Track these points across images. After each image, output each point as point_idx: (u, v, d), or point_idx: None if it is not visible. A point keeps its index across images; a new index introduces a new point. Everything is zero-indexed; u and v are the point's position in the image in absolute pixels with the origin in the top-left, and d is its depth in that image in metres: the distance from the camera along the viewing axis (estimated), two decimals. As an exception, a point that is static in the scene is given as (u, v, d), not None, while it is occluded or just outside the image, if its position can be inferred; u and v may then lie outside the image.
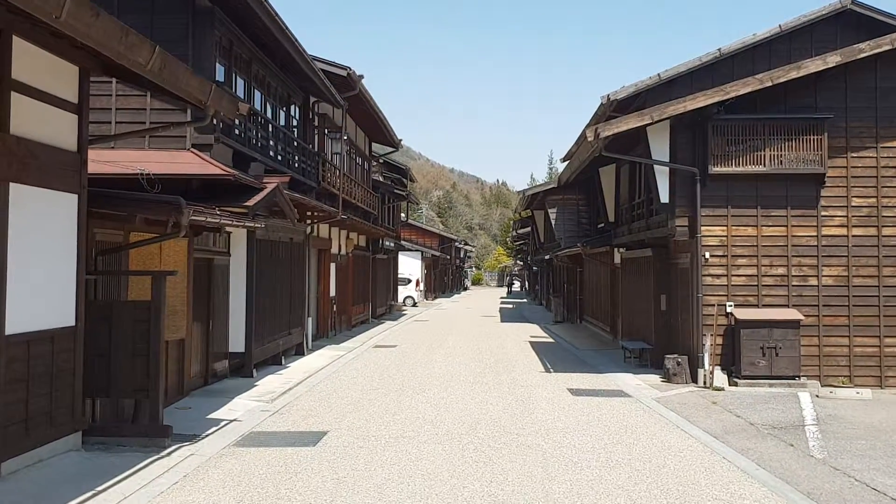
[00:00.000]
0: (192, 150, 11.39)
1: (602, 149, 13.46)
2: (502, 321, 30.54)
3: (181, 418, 9.62)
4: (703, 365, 12.78)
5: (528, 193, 29.29)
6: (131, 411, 8.64)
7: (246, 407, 10.71)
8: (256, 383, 12.61)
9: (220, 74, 12.31)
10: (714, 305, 13.24)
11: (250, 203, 10.92)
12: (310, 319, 18.04)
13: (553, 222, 26.75)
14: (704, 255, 13.30)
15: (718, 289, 13.34)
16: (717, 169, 13.26)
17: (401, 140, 27.34)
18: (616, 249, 20.12)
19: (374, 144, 29.13)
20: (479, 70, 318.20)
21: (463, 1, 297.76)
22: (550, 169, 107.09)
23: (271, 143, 15.02)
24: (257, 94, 14.38)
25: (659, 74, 14.07)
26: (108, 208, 8.16)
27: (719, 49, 13.99)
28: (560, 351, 18.93)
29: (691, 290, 13.58)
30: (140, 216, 8.38)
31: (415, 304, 42.22)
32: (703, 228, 13.31)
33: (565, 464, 7.59)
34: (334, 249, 21.50)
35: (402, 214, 39.62)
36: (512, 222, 68.41)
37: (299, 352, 16.68)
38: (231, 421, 9.66)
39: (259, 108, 14.51)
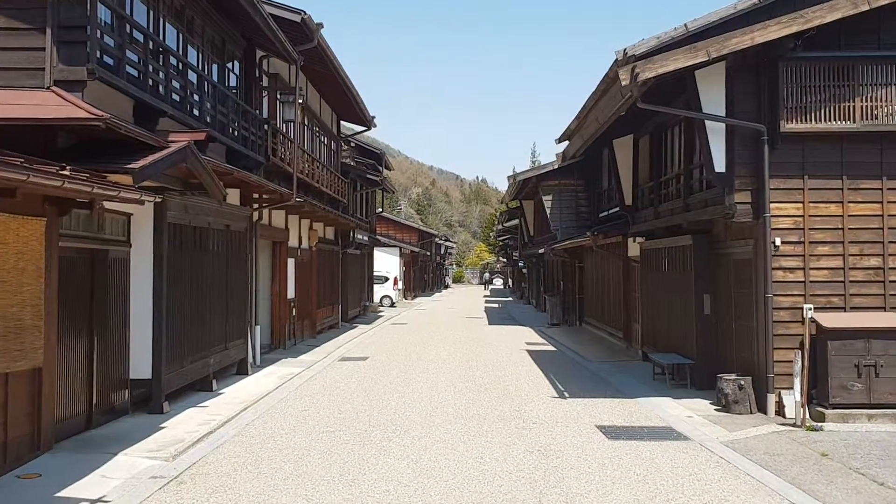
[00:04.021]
0: (54, 88, 7.78)
1: (638, 98, 9.97)
2: (490, 323, 27.06)
3: (12, 499, 6.06)
4: (792, 391, 9.29)
5: (518, 178, 25.72)
6: None
7: (131, 470, 7.14)
8: (164, 424, 9.01)
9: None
10: (787, 309, 9.89)
11: (136, 166, 7.33)
12: (258, 328, 14.43)
13: (548, 211, 23.35)
14: (774, 242, 9.93)
15: (792, 286, 9.98)
16: (790, 126, 9.90)
17: (374, 117, 23.63)
18: (632, 239, 16.70)
19: (344, 124, 25.51)
20: (459, 67, 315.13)
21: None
22: (533, 163, 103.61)
23: (196, 97, 11.38)
24: (171, 31, 10.72)
25: (686, 25, 10.65)
26: None
27: (760, -8, 10.59)
28: (568, 364, 15.45)
29: (755, 288, 10.20)
30: None
31: (392, 305, 38.59)
32: (772, 206, 9.93)
33: None
34: (293, 242, 17.86)
35: (379, 208, 35.92)
36: (497, 214, 65.10)
37: (242, 370, 13.06)
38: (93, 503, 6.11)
39: (177, 50, 10.88)
